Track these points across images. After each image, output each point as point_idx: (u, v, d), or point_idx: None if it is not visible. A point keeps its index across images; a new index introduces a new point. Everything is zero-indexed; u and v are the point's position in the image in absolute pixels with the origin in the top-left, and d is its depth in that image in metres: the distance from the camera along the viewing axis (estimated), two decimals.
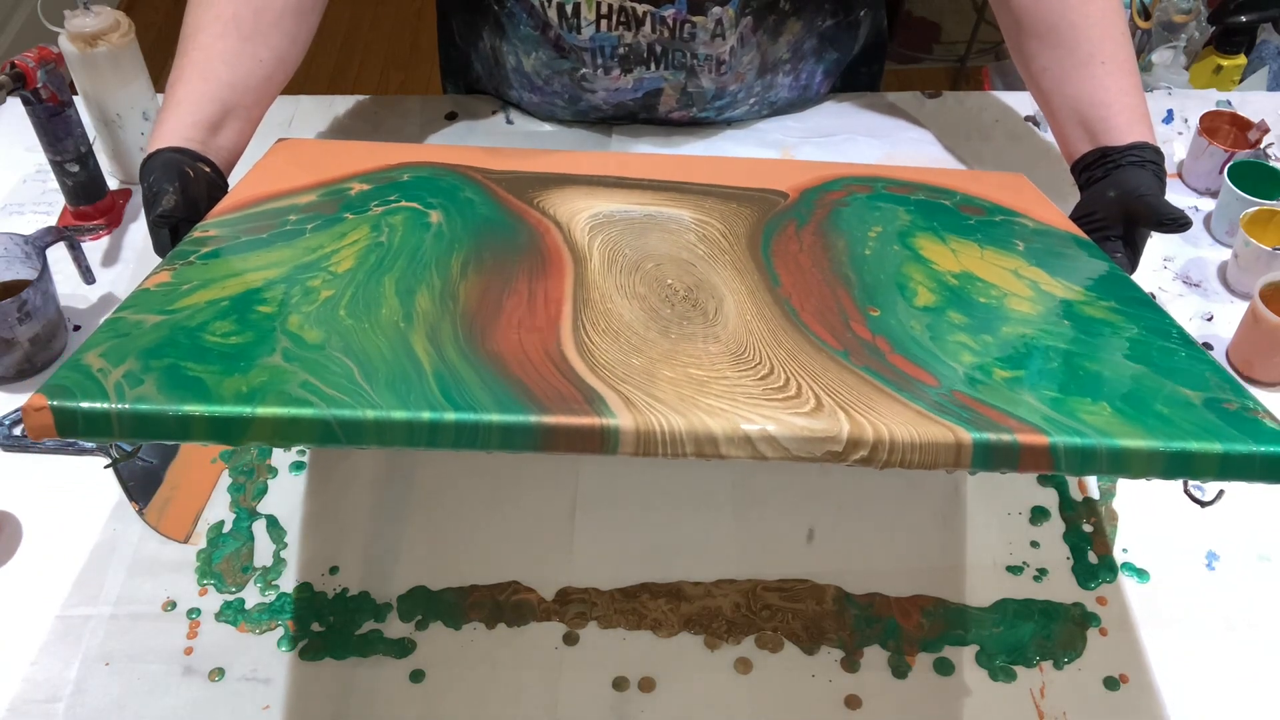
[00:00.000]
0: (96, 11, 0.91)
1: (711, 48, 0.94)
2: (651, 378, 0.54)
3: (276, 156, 0.81)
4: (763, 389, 0.54)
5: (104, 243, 0.95)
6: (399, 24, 2.63)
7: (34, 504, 0.75)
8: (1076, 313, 0.63)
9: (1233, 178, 0.93)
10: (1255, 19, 1.26)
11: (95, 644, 0.67)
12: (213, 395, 0.50)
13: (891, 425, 0.51)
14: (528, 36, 0.96)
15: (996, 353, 0.58)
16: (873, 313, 0.62)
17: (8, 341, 0.80)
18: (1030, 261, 0.70)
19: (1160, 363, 0.59)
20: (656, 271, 0.65)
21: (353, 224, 0.68)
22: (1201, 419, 0.54)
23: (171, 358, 0.52)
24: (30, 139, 0.99)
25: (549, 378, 0.53)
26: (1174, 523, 0.75)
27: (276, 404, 0.49)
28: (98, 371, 0.51)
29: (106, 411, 0.49)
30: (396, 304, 0.59)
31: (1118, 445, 0.51)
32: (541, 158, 0.83)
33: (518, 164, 0.81)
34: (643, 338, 0.57)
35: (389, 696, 0.65)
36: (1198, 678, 0.67)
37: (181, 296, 0.58)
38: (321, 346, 0.54)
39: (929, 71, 2.45)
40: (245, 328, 0.55)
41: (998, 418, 0.52)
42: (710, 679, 0.67)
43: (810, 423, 0.51)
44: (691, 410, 0.51)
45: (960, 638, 0.68)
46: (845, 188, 0.81)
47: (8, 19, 2.39)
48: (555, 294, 0.61)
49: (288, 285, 0.60)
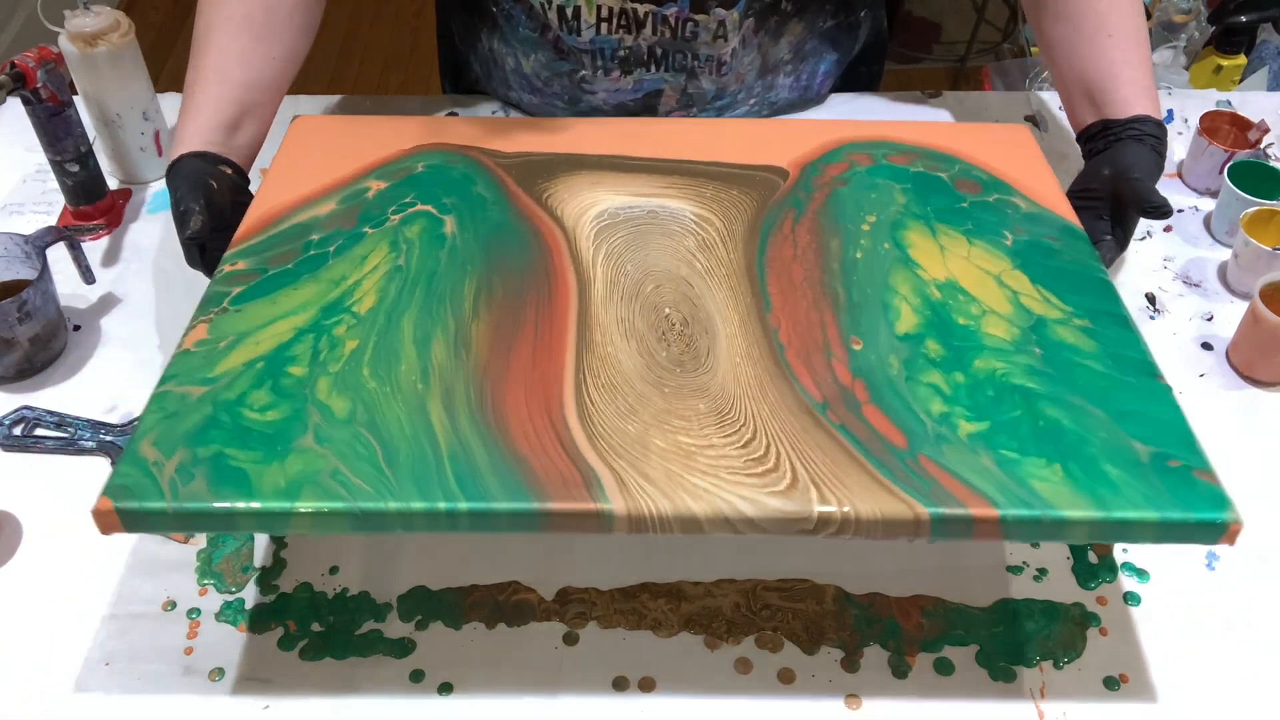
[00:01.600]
0: (96, 11, 0.91)
1: (713, 49, 0.94)
2: (644, 449, 0.59)
3: (296, 142, 0.85)
4: (744, 460, 0.59)
5: (104, 243, 0.95)
6: (399, 24, 2.63)
7: (34, 504, 0.75)
8: (1048, 336, 0.67)
9: (1233, 178, 0.93)
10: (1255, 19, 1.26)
11: (95, 644, 0.67)
12: (255, 490, 0.57)
13: (858, 503, 0.57)
14: (527, 38, 0.96)
15: (965, 399, 0.63)
16: (855, 345, 0.67)
17: (8, 341, 0.80)
18: (1015, 263, 0.73)
19: (1118, 406, 0.63)
20: (656, 296, 0.70)
21: (372, 241, 0.73)
22: (1145, 482, 0.58)
23: (217, 443, 0.59)
24: (30, 139, 0.99)
25: (552, 454, 0.59)
26: None
27: (311, 498, 0.57)
28: (153, 465, 0.58)
29: (164, 510, 0.56)
30: (414, 357, 0.65)
31: (1061, 516, 0.56)
32: (549, 131, 0.87)
33: (527, 141, 0.85)
34: (639, 394, 0.63)
35: (389, 696, 0.65)
36: (1198, 678, 0.67)
37: (220, 359, 0.64)
38: (349, 421, 0.61)
39: (929, 71, 2.45)
40: (279, 398, 0.62)
41: (954, 489, 0.57)
42: (710, 679, 0.67)
43: (784, 504, 0.57)
44: (677, 493, 0.57)
45: (960, 638, 0.68)
46: (846, 158, 0.84)
47: (8, 19, 2.39)
48: (559, 336, 0.67)
49: (315, 335, 0.66)
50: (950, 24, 2.57)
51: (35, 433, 0.79)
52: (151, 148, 0.99)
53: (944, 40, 2.53)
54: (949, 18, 2.58)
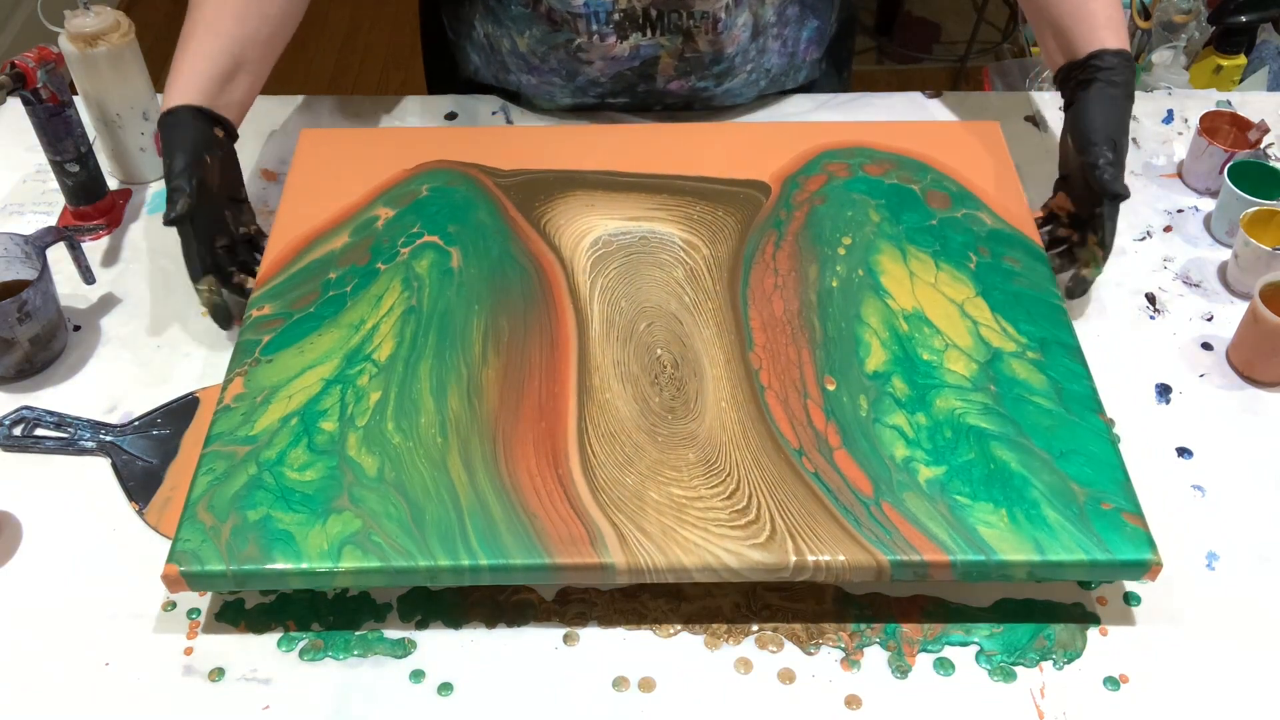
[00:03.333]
0: (96, 11, 0.91)
1: (707, 4, 0.94)
2: (641, 502, 0.67)
3: (306, 158, 0.92)
4: (729, 512, 0.67)
5: (104, 243, 0.95)
6: (399, 24, 2.63)
7: (34, 504, 0.75)
8: (1003, 372, 0.75)
9: (1233, 178, 0.93)
10: (1255, 19, 1.26)
11: (95, 644, 0.67)
12: (302, 553, 0.65)
13: (828, 553, 0.65)
14: (520, 15, 0.96)
15: (925, 441, 0.71)
16: (829, 385, 0.74)
17: (8, 341, 0.80)
18: (978, 289, 0.81)
19: (1061, 445, 0.71)
20: (648, 336, 0.77)
21: (386, 279, 0.81)
22: (1079, 526, 0.66)
23: (263, 506, 0.67)
24: (30, 139, 0.99)
25: (560, 510, 0.67)
26: (1174, 523, 0.75)
27: (352, 559, 0.65)
28: (210, 531, 0.66)
29: (224, 572, 0.64)
30: (433, 409, 0.72)
31: (1004, 560, 0.65)
32: (545, 144, 0.93)
33: (523, 154, 0.92)
34: (634, 443, 0.71)
35: (389, 696, 0.65)
36: (1198, 678, 0.67)
37: (259, 414, 0.72)
38: (379, 480, 0.68)
39: (929, 71, 2.45)
40: (315, 455, 0.70)
41: (912, 537, 0.65)
42: (710, 679, 0.67)
43: (764, 556, 0.65)
44: (670, 548, 0.65)
45: (960, 638, 0.68)
46: (824, 169, 0.90)
47: (8, 19, 2.39)
48: (562, 381, 0.74)
49: (341, 387, 0.74)
50: (950, 24, 2.57)
51: (35, 433, 0.79)
52: (151, 148, 0.99)
53: (944, 40, 2.53)
54: (949, 18, 2.58)
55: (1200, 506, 0.76)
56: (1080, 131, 0.83)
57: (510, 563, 0.64)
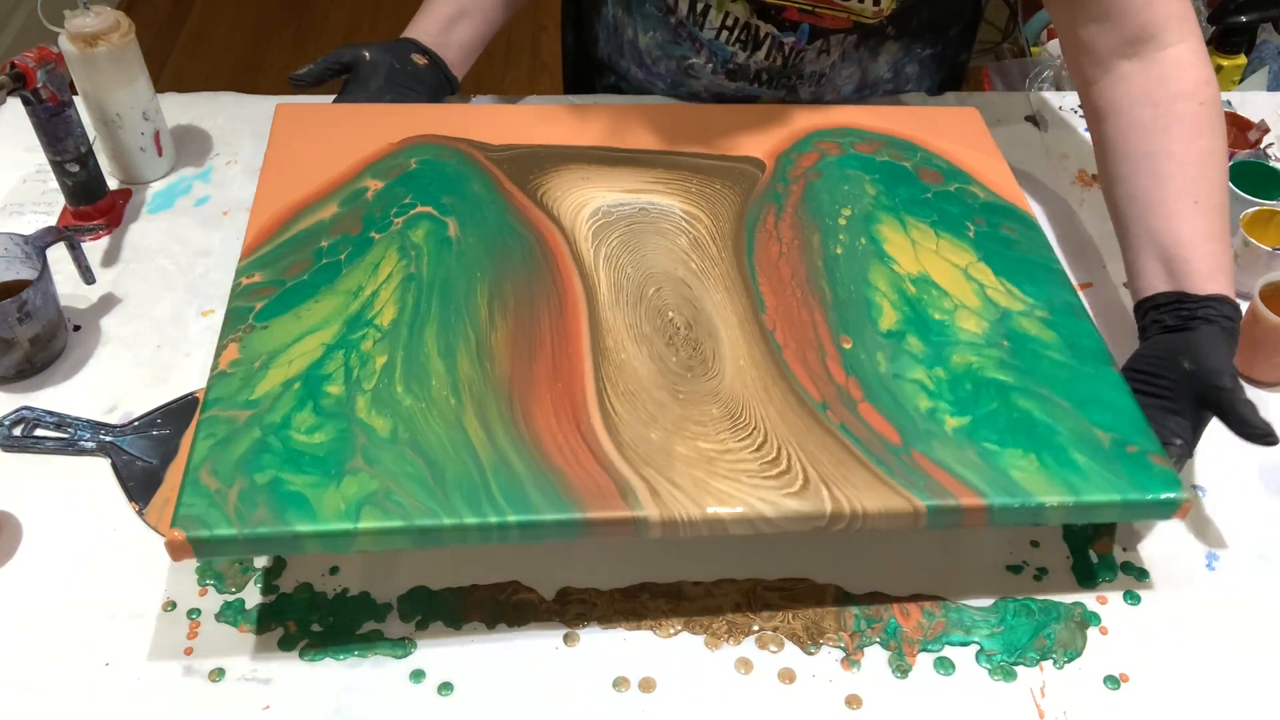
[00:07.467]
0: (96, 11, 0.91)
1: (817, 64, 0.96)
2: (669, 456, 0.65)
3: (284, 131, 0.89)
4: (759, 463, 0.65)
5: (104, 243, 0.95)
6: (399, 24, 2.62)
7: (34, 504, 0.75)
8: (1014, 328, 0.75)
9: (1233, 178, 0.93)
10: (1255, 19, 1.26)
11: (95, 644, 0.67)
12: (317, 514, 0.61)
13: (864, 499, 0.63)
14: (650, 15, 0.98)
15: (948, 393, 0.70)
16: (845, 344, 0.73)
17: (8, 341, 0.80)
18: (979, 255, 0.81)
19: (1080, 394, 0.70)
20: (658, 300, 0.75)
21: (381, 248, 0.77)
22: (1108, 468, 0.66)
23: (272, 469, 0.63)
24: (30, 139, 0.99)
25: (586, 466, 0.64)
26: (1174, 522, 0.75)
27: (372, 519, 0.61)
28: (215, 494, 0.61)
29: (234, 536, 0.60)
30: (443, 371, 0.69)
31: (1040, 503, 0.64)
32: (533, 122, 0.92)
33: (510, 130, 0.90)
34: (656, 401, 0.68)
35: (389, 696, 0.65)
36: (1198, 678, 0.67)
37: (257, 380, 0.68)
38: (393, 440, 0.65)
39: None
40: (323, 418, 0.66)
41: (946, 482, 0.64)
42: (710, 679, 0.67)
43: (799, 505, 0.63)
44: (704, 499, 0.62)
45: (960, 638, 0.68)
46: (815, 146, 0.90)
47: (8, 19, 2.39)
48: (575, 343, 0.71)
49: (345, 351, 0.70)
50: None
51: (35, 433, 0.79)
52: (151, 148, 0.99)
53: None
54: None
55: (1200, 506, 0.76)
56: (1200, 353, 0.71)
57: (540, 518, 0.61)
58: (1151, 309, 0.77)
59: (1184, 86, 0.81)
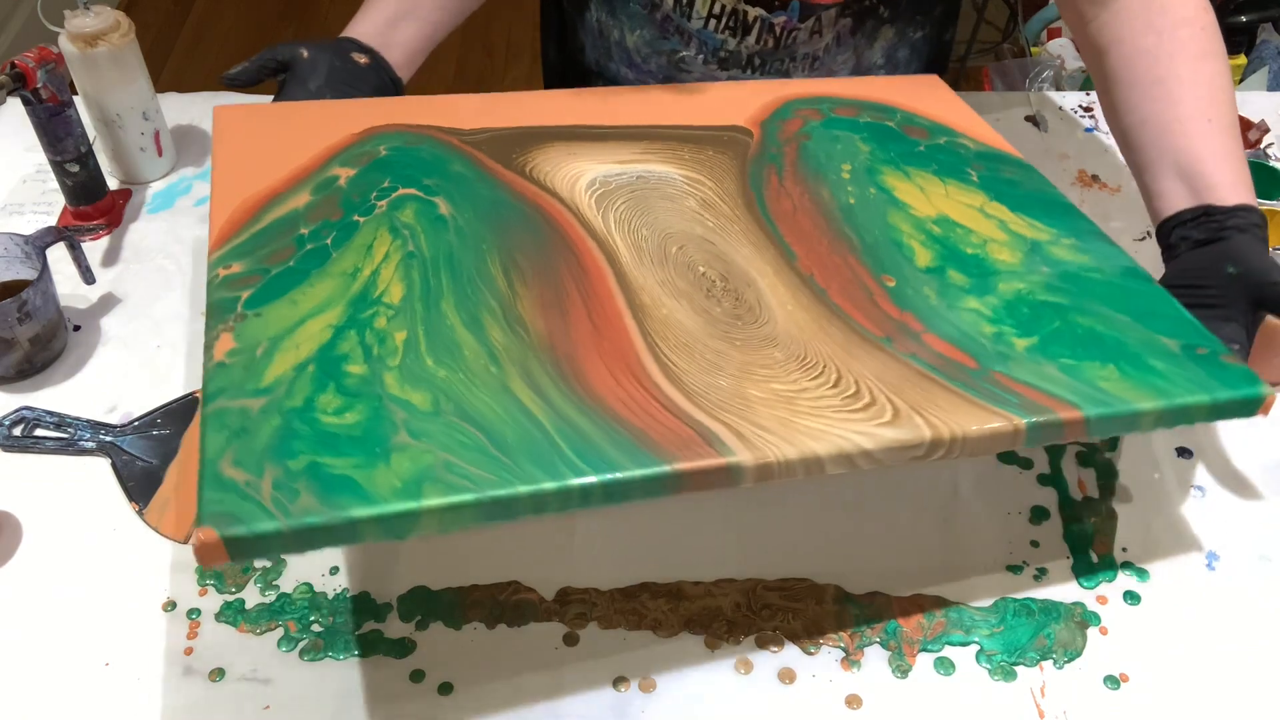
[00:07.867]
0: (96, 11, 0.91)
1: (810, 45, 0.95)
2: (745, 401, 0.60)
3: (228, 132, 0.81)
4: (841, 399, 0.61)
5: (104, 243, 0.95)
6: None
7: (34, 504, 0.75)
8: (1049, 255, 0.74)
9: None
10: (1255, 19, 1.26)
11: (95, 644, 0.67)
12: (371, 495, 0.53)
13: (961, 423, 0.60)
14: (635, 14, 0.98)
15: (1008, 318, 0.68)
16: (889, 283, 0.70)
17: (8, 341, 0.80)
18: (990, 195, 0.80)
19: (1134, 307, 0.69)
20: (683, 256, 0.71)
21: (369, 230, 0.71)
22: (1187, 371, 0.65)
23: (306, 454, 0.55)
24: (30, 139, 0.99)
25: (660, 418, 0.58)
26: (1174, 522, 0.75)
27: (436, 495, 0.53)
28: (245, 486, 0.52)
29: (279, 530, 0.51)
30: (473, 341, 0.63)
31: (1136, 409, 0.62)
32: (502, 105, 0.86)
33: (483, 117, 0.84)
34: (714, 350, 0.64)
35: (389, 696, 0.65)
36: (1198, 678, 0.67)
37: (264, 367, 0.60)
38: (436, 413, 0.58)
39: None
40: (351, 399, 0.58)
41: (1038, 398, 0.62)
42: (710, 679, 0.67)
43: (896, 434, 0.59)
44: (796, 437, 0.58)
45: (960, 638, 0.68)
46: (796, 114, 0.89)
47: (8, 19, 2.39)
48: (609, 303, 0.66)
49: (357, 330, 0.63)
50: None
51: (35, 433, 0.79)
52: (151, 148, 0.99)
53: None
54: None
55: (1200, 506, 0.76)
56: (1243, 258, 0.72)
57: (626, 475, 0.55)
58: (1177, 225, 0.76)
59: (1184, 13, 0.81)
